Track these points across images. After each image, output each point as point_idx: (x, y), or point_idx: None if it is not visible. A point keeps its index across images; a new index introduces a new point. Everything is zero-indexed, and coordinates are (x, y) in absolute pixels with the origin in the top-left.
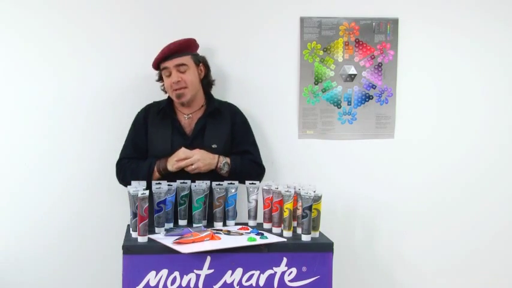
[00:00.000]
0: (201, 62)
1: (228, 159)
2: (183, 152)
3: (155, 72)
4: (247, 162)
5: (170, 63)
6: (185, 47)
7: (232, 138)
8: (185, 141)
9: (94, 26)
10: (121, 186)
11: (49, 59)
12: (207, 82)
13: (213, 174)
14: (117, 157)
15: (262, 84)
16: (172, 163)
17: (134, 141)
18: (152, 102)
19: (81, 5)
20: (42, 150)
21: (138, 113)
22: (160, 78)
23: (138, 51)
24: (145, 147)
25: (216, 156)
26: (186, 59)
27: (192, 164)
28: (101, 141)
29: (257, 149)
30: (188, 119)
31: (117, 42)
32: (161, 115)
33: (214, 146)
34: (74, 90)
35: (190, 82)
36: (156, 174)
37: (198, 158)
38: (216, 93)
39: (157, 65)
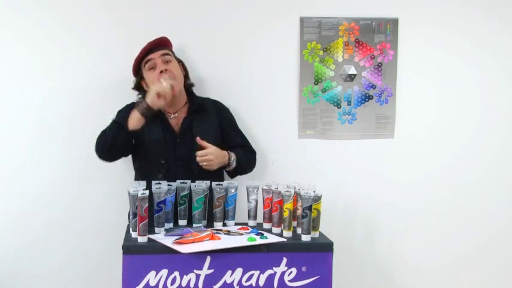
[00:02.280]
0: (181, 62)
1: (234, 155)
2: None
3: None
4: (248, 154)
5: (155, 55)
6: (166, 43)
7: (221, 134)
8: (174, 139)
9: (85, 25)
10: (122, 185)
11: (42, 58)
12: (187, 82)
13: (212, 174)
14: None
15: (262, 84)
16: (150, 95)
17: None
18: (131, 103)
19: (72, 5)
20: (40, 149)
21: (121, 109)
22: (136, 87)
23: (131, 50)
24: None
25: (226, 152)
26: (168, 51)
27: (205, 163)
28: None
29: (247, 139)
30: (174, 118)
31: (110, 40)
32: None
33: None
34: (65, 87)
35: (177, 74)
36: (136, 115)
37: (212, 159)
38: (215, 93)
39: (138, 65)
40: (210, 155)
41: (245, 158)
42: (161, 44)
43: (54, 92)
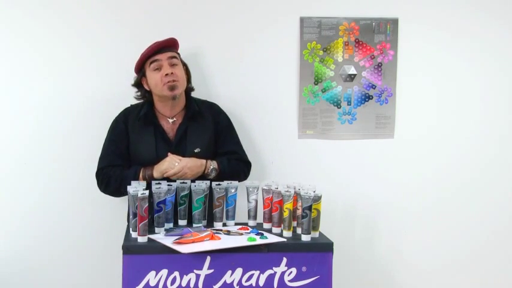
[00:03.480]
0: (185, 65)
1: (215, 164)
2: (168, 162)
3: None
4: (234, 163)
5: (162, 56)
6: (174, 44)
7: (216, 138)
8: (169, 147)
9: (90, 28)
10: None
11: (45, 58)
12: (188, 85)
13: (196, 178)
14: None
15: (262, 84)
16: (159, 171)
17: (116, 148)
18: (129, 106)
19: (77, 7)
20: (41, 149)
21: (116, 118)
22: (137, 84)
23: (133, 53)
24: (127, 153)
25: (204, 162)
26: (175, 54)
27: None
28: (99, 140)
29: (241, 147)
30: (173, 123)
31: (113, 43)
32: (142, 121)
33: (197, 150)
34: (68, 90)
35: (181, 77)
36: (142, 181)
37: (185, 169)
38: (216, 93)
39: (142, 64)
40: (182, 169)
41: (229, 168)
42: (169, 46)
43: (57, 93)
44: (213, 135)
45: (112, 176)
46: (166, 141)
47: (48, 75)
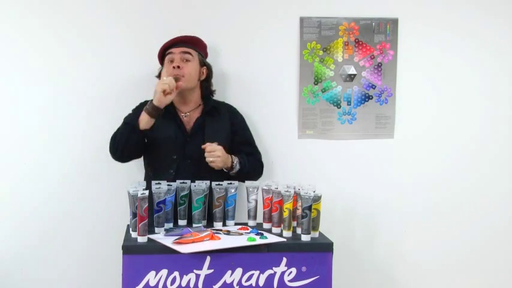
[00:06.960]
0: (206, 66)
1: (237, 158)
2: (156, 85)
3: (152, 72)
4: (252, 162)
5: (176, 50)
6: (194, 42)
7: (232, 138)
8: (185, 138)
9: (92, 26)
10: (122, 186)
11: (45, 58)
12: (206, 86)
13: (212, 174)
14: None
15: (262, 84)
16: (155, 98)
17: (133, 116)
18: (144, 101)
19: (79, 6)
20: (41, 149)
21: (137, 106)
22: (160, 75)
23: (136, 52)
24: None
25: (229, 155)
26: (192, 51)
27: (212, 158)
28: (99, 140)
29: (257, 148)
30: (186, 117)
31: (116, 42)
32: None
33: (215, 144)
34: (70, 89)
35: (188, 73)
36: (145, 117)
37: (219, 155)
38: (217, 92)
39: (162, 54)
40: (218, 151)
41: (248, 164)
42: (187, 42)
43: (59, 92)
44: (229, 134)
45: (118, 130)
46: (182, 131)
47: (50, 75)
